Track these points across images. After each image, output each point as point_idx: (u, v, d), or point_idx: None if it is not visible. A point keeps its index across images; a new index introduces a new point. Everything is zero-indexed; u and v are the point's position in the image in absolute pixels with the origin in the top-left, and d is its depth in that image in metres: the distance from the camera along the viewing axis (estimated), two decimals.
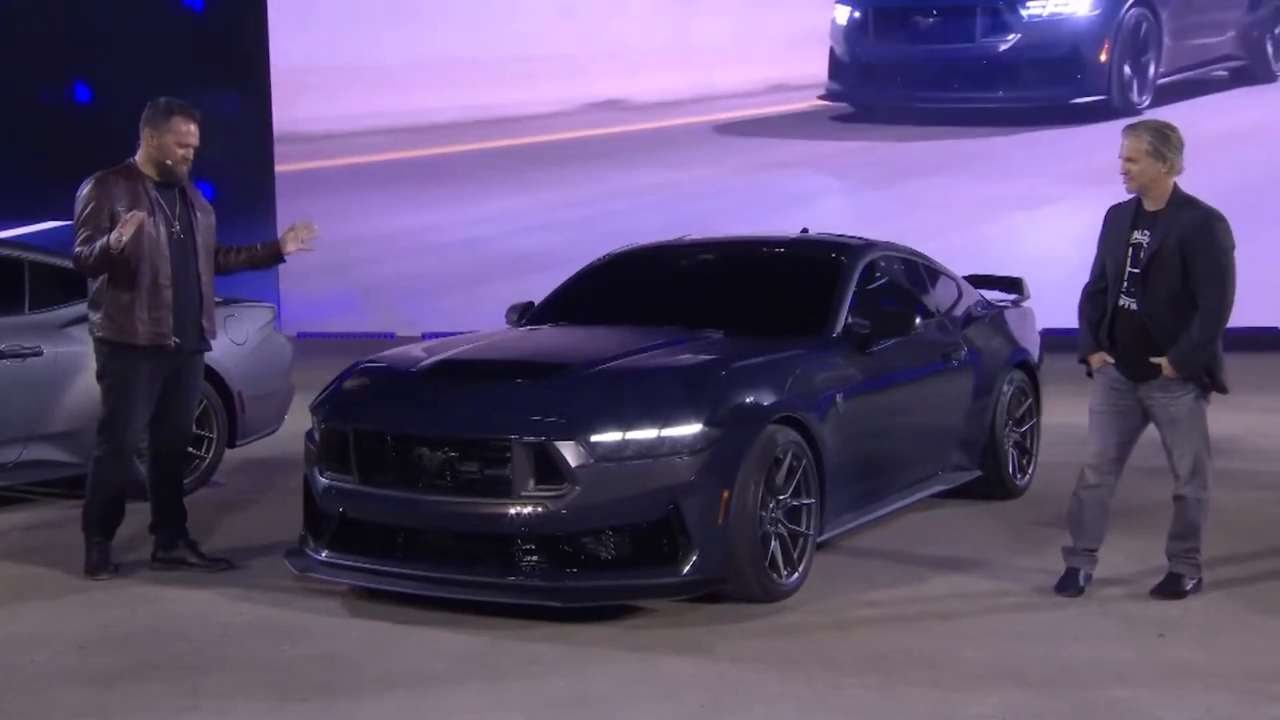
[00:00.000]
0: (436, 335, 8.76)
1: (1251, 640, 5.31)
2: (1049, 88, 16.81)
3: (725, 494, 5.54)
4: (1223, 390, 5.84)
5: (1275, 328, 15.68)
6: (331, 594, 5.99)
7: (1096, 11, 16.50)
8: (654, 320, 6.70)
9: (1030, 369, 8.08)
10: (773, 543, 5.73)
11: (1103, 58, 16.36)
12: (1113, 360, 5.90)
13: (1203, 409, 5.84)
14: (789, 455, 5.82)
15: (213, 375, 8.21)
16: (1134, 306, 5.81)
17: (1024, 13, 16.51)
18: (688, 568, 5.49)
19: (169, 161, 6.28)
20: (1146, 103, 16.62)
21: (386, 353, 6.57)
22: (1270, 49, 17.70)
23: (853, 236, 7.53)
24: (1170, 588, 5.89)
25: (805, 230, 7.76)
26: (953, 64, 16.98)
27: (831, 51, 16.94)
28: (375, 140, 17.17)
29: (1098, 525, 5.99)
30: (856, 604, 5.80)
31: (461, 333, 7.22)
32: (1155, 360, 5.76)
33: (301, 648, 5.33)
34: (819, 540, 6.10)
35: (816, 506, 6.01)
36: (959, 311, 7.69)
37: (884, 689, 4.77)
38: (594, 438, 5.44)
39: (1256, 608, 5.71)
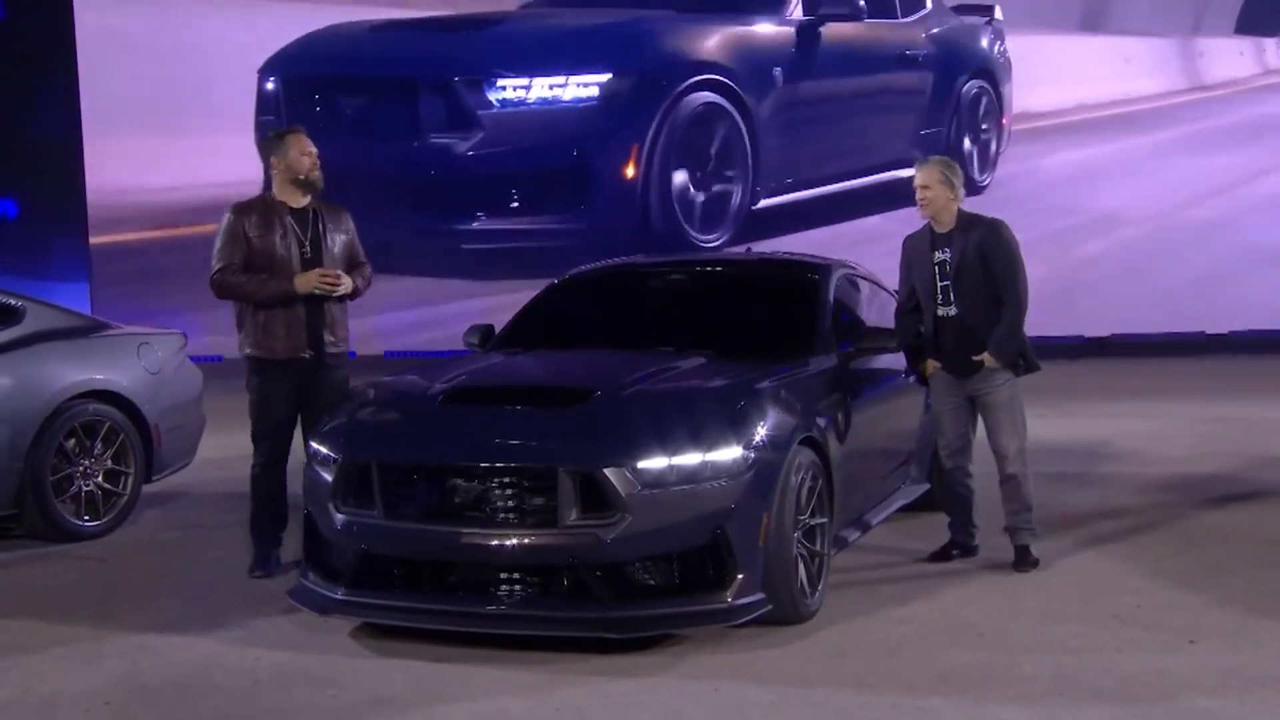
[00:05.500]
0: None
1: (1278, 645, 5.48)
2: (542, 219, 11.51)
3: (765, 517, 5.51)
4: (1036, 368, 6.70)
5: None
6: (336, 633, 5.74)
7: (615, 94, 11.36)
8: (634, 343, 6.61)
9: None
10: (800, 563, 5.74)
11: (630, 172, 11.25)
12: (940, 365, 6.70)
13: (1019, 393, 6.70)
14: (809, 475, 5.83)
15: (128, 406, 7.84)
16: (952, 313, 6.61)
17: (493, 96, 11.15)
18: (733, 593, 5.44)
19: (302, 175, 6.57)
20: (722, 238, 11.94)
21: (386, 380, 6.33)
22: (973, 149, 14.00)
23: (811, 255, 7.58)
24: (1024, 560, 6.63)
25: (749, 249, 7.78)
26: (394, 176, 11.65)
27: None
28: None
29: (968, 500, 6.84)
30: (885, 620, 5.82)
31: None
32: (977, 357, 6.57)
33: (349, 693, 5.08)
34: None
35: (829, 525, 6.03)
36: None
37: (973, 710, 4.79)
38: (641, 464, 5.33)
39: (1254, 611, 5.90)
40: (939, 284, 6.62)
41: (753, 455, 5.50)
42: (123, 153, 16.31)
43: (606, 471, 5.30)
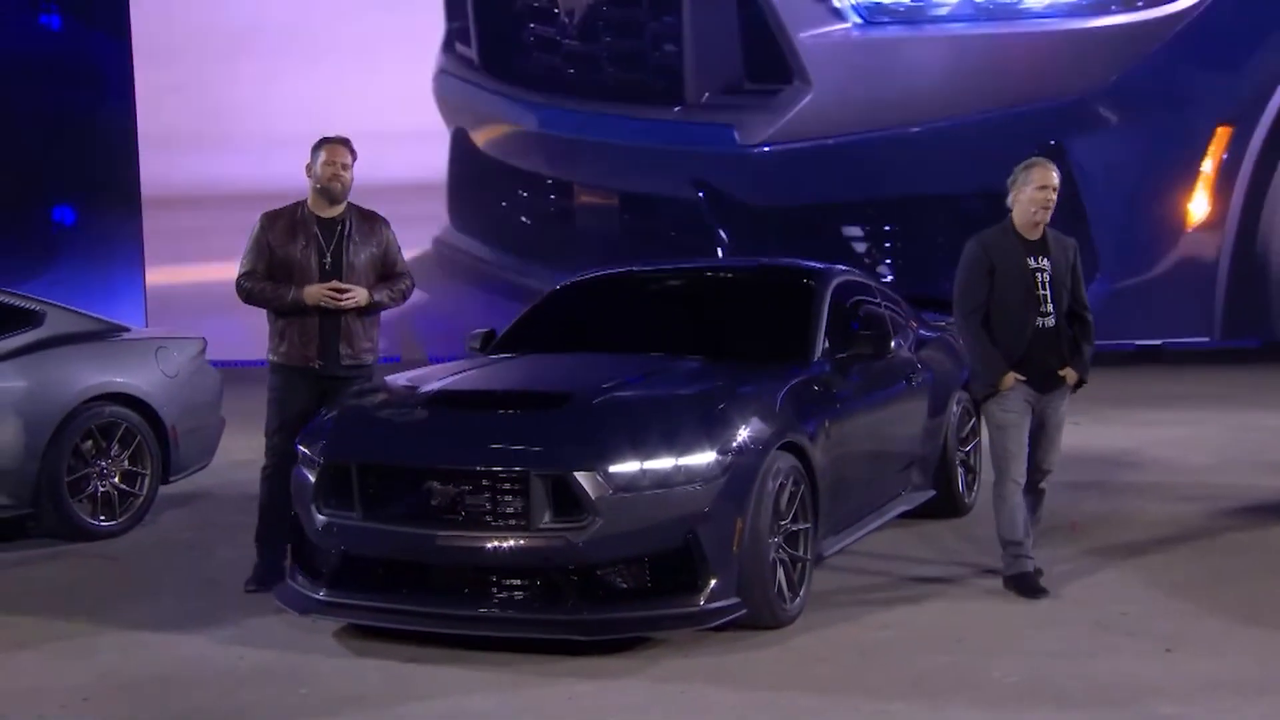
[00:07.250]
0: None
1: (1260, 652, 5.44)
2: None
3: (739, 521, 5.54)
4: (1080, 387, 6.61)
5: None
6: (322, 632, 5.84)
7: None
8: (631, 348, 6.66)
9: None
10: (779, 569, 5.76)
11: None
12: (1024, 378, 6.38)
13: None
14: (789, 480, 5.85)
15: (145, 408, 8.00)
16: (1050, 324, 6.39)
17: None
18: (706, 597, 5.47)
19: (319, 185, 6.61)
20: None
21: (373, 383, 6.43)
22: None
23: (810, 261, 7.59)
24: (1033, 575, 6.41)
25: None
26: None
27: None
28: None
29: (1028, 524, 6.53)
30: (866, 626, 5.83)
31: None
32: (1062, 371, 6.42)
33: (323, 691, 5.17)
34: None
35: (812, 531, 6.05)
36: (911, 333, 7.81)
37: (933, 714, 4.80)
38: (613, 468, 5.37)
39: (1243, 620, 5.86)
40: (1039, 292, 6.36)
41: (727, 459, 5.53)
42: (179, 156, 16.58)
43: (577, 475, 5.35)
